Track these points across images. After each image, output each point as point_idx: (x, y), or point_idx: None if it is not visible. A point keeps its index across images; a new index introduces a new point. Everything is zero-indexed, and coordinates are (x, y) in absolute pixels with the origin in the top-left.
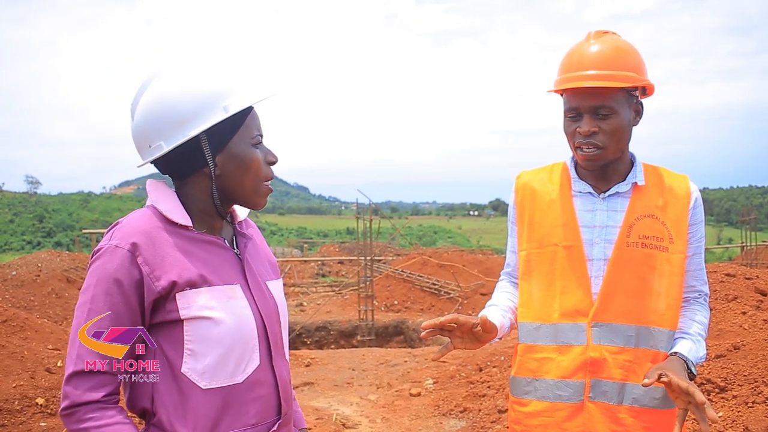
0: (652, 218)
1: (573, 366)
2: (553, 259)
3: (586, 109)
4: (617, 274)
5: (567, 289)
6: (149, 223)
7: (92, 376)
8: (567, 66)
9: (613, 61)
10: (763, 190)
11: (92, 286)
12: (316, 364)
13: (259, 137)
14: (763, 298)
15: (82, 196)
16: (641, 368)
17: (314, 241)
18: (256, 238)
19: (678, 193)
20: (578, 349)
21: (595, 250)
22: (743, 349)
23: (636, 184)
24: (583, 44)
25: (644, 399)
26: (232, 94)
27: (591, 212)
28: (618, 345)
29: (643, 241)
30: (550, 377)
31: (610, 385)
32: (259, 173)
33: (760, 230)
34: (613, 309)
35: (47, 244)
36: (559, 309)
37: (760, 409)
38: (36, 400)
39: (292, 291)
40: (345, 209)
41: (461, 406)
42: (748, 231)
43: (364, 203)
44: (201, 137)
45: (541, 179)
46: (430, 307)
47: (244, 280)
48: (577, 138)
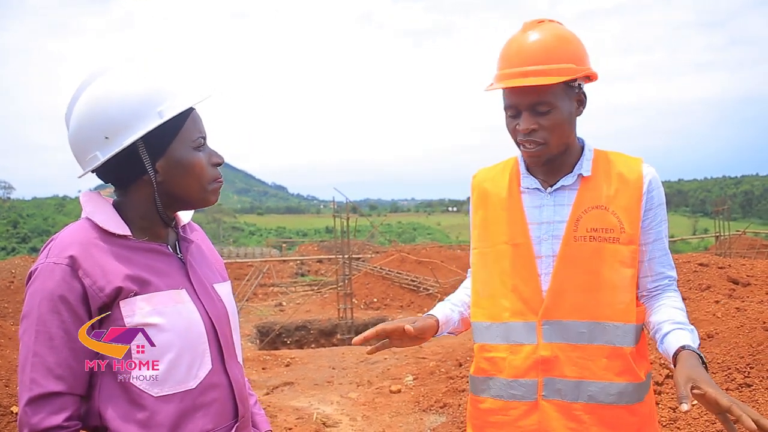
0: (601, 209)
1: (525, 365)
2: (502, 257)
3: (523, 106)
4: (566, 270)
5: (517, 287)
6: (85, 235)
7: (50, 399)
8: (502, 62)
9: (549, 54)
10: (736, 181)
11: (35, 308)
12: (296, 364)
13: (201, 139)
14: (736, 287)
15: (57, 200)
16: (595, 365)
17: (293, 241)
18: (201, 241)
19: (629, 178)
20: (529, 348)
21: (544, 246)
22: (716, 337)
23: (582, 175)
24: (518, 37)
25: (600, 396)
26: (168, 98)
27: (538, 208)
28: (570, 342)
29: (591, 234)
30: (503, 376)
31: (564, 383)
32: (203, 176)
33: (734, 220)
34: (564, 306)
35: (22, 249)
36: (510, 308)
37: (734, 396)
38: (11, 409)
39: (272, 291)
40: (323, 208)
41: (441, 402)
42: (722, 221)
43: (342, 201)
44: (138, 144)
45: (494, 177)
46: (410, 304)
47: (190, 284)
48: (519, 135)
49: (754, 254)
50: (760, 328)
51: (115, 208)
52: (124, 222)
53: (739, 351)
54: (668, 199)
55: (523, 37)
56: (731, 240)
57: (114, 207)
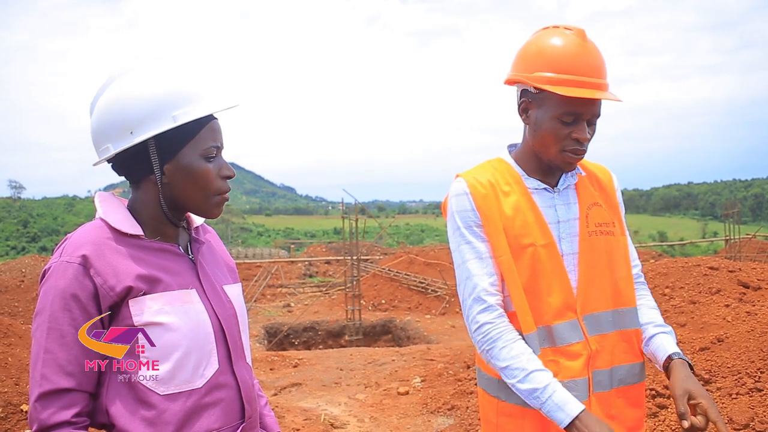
0: (598, 206)
1: (580, 364)
2: (532, 260)
3: (587, 116)
4: (588, 264)
5: (551, 288)
6: (98, 234)
7: (60, 395)
8: (570, 66)
9: (605, 67)
10: (746, 184)
11: (48, 306)
12: (304, 365)
13: (214, 149)
14: (746, 290)
15: (66, 200)
16: (619, 349)
17: (301, 242)
18: (213, 242)
19: (603, 179)
20: (578, 345)
21: (564, 244)
22: (727, 341)
23: (580, 174)
24: (578, 44)
25: (628, 377)
26: (187, 103)
27: (551, 208)
28: (603, 333)
29: (600, 229)
30: (559, 379)
31: (603, 374)
32: (209, 187)
33: (744, 223)
34: (593, 299)
35: (32, 249)
36: (550, 310)
37: (744, 401)
38: (21, 407)
39: (280, 292)
40: (332, 209)
41: (449, 404)
42: (732, 224)
43: (350, 203)
44: (149, 144)
45: (495, 179)
46: (417, 306)
47: (200, 285)
48: (569, 143)
49: (764, 258)
50: None
51: (129, 209)
52: (137, 222)
53: (749, 355)
54: (677, 202)
55: (584, 47)
56: (741, 243)
57: (128, 208)
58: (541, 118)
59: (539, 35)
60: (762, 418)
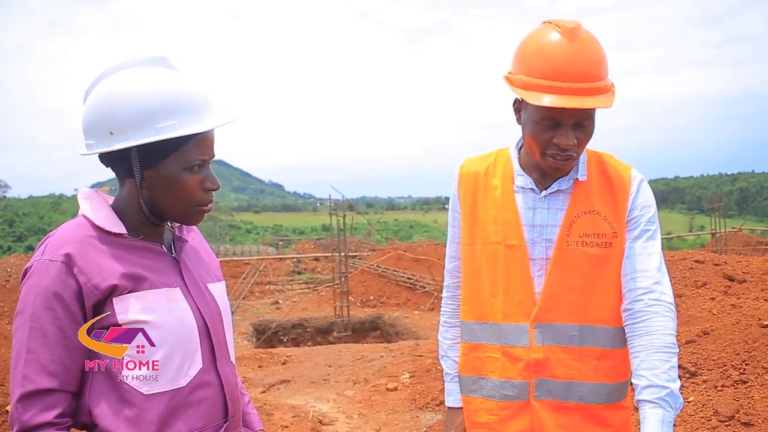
0: (593, 214)
1: (517, 367)
2: (495, 257)
3: (569, 121)
4: (559, 274)
5: (510, 289)
6: (81, 232)
7: (42, 396)
8: (547, 71)
9: (598, 70)
10: (732, 178)
11: (30, 305)
12: (293, 362)
13: (200, 162)
14: (731, 283)
15: (53, 198)
16: (586, 366)
17: (290, 239)
18: (197, 241)
19: (617, 184)
20: (521, 350)
21: (537, 249)
22: (712, 334)
23: (577, 180)
24: (561, 44)
25: (590, 396)
26: (175, 116)
27: (532, 210)
28: (562, 345)
29: (583, 240)
30: (495, 377)
31: (555, 384)
32: (190, 198)
33: (730, 217)
34: (556, 309)
35: (18, 248)
36: (502, 309)
37: (729, 393)
38: (6, 408)
39: (268, 289)
40: (320, 206)
41: (438, 400)
42: (718, 218)
43: (338, 199)
44: (132, 150)
45: (486, 171)
46: (406, 302)
47: (183, 284)
48: (551, 148)
49: (749, 251)
50: (755, 325)
51: (114, 206)
52: (121, 221)
53: (734, 348)
54: (664, 196)
55: (569, 48)
56: (727, 237)
57: (113, 205)
58: (526, 121)
59: (531, 32)
60: (747, 409)
